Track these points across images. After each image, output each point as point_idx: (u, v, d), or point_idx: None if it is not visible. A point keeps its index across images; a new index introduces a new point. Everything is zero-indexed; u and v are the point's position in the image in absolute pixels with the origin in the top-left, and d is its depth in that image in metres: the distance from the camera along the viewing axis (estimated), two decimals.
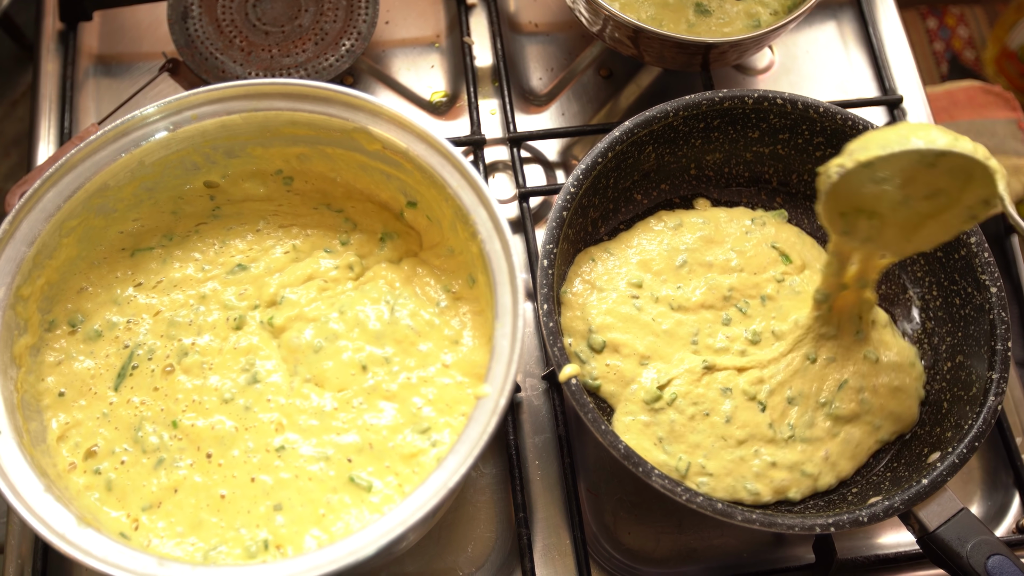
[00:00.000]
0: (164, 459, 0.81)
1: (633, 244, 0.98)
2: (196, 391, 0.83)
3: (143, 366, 0.84)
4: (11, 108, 1.36)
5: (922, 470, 0.85)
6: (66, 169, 0.79)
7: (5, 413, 0.73)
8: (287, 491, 0.79)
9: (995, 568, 0.80)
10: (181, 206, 0.90)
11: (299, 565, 0.65)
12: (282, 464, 0.80)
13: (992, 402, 0.86)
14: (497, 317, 0.74)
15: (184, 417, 0.82)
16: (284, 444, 0.81)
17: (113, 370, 0.84)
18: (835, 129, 0.96)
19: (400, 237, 0.90)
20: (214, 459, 0.81)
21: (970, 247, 0.91)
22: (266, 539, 0.77)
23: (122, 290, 0.87)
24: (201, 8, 1.11)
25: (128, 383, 0.84)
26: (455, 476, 0.68)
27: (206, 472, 0.80)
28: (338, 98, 0.81)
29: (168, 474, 0.80)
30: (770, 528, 0.80)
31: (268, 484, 0.79)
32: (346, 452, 0.81)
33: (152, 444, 0.81)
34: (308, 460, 0.80)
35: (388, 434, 0.81)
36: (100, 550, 0.67)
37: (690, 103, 0.95)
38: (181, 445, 0.81)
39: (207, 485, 0.79)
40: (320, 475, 0.80)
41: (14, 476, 0.70)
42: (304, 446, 0.81)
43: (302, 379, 0.84)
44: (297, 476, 0.80)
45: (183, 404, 0.83)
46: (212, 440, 0.81)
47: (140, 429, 0.82)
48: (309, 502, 0.78)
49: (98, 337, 0.85)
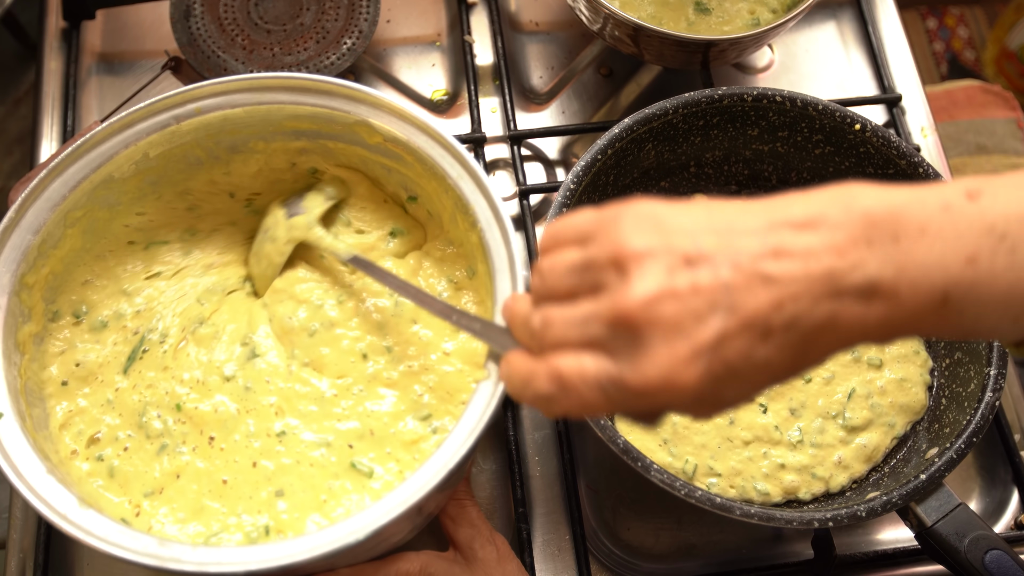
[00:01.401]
0: (167, 445, 0.81)
1: None
2: (201, 367, 0.84)
3: (154, 349, 0.85)
4: (14, 106, 1.37)
5: (920, 466, 0.86)
6: (72, 159, 0.79)
7: (8, 397, 0.73)
8: (289, 476, 0.79)
9: (993, 563, 0.80)
10: (197, 203, 0.91)
11: (296, 546, 0.66)
12: (284, 449, 0.80)
13: (990, 398, 0.86)
14: (496, 304, 0.74)
15: (188, 400, 0.82)
16: (285, 429, 0.81)
17: (122, 356, 0.84)
18: (834, 127, 0.97)
19: (408, 233, 0.90)
20: (216, 443, 0.81)
21: None
22: (267, 524, 0.77)
23: (131, 283, 0.87)
24: (203, 7, 1.11)
25: (137, 366, 0.84)
26: (453, 459, 0.68)
27: (208, 457, 0.80)
28: (339, 91, 0.82)
29: (171, 460, 0.80)
30: (768, 523, 0.80)
31: (270, 469, 0.79)
32: (347, 438, 0.81)
33: (156, 430, 0.81)
34: (309, 446, 0.80)
35: (389, 421, 0.82)
36: (101, 530, 0.67)
37: (690, 100, 0.96)
38: (184, 430, 0.82)
39: (209, 471, 0.80)
40: (322, 460, 0.80)
41: (16, 457, 0.70)
42: (305, 432, 0.81)
43: (300, 363, 0.84)
44: (299, 462, 0.80)
45: (188, 385, 0.83)
46: (215, 423, 0.81)
47: (144, 414, 0.82)
48: (311, 488, 0.78)
49: (103, 327, 0.85)
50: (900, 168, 0.95)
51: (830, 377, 0.93)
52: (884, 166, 0.97)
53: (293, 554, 0.65)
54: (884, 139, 0.95)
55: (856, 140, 0.97)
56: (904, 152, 0.95)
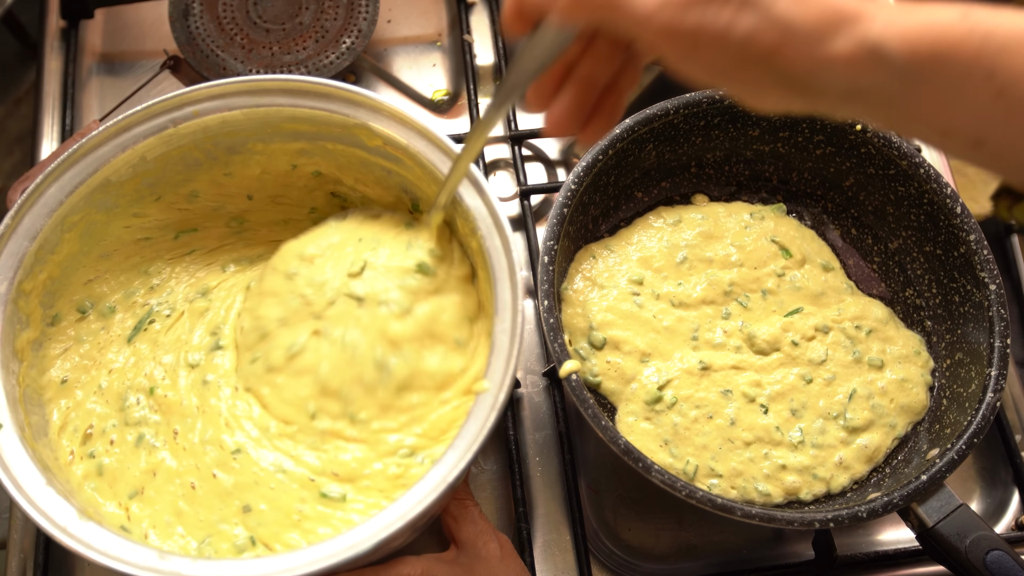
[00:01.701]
0: (143, 435, 0.80)
1: (633, 241, 0.99)
2: (176, 350, 0.83)
3: (159, 321, 0.85)
4: (15, 106, 1.37)
5: (921, 467, 0.86)
6: (68, 164, 0.79)
7: (7, 407, 0.73)
8: (249, 494, 0.76)
9: (994, 564, 0.80)
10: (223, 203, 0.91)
11: (298, 559, 0.65)
12: (239, 467, 0.77)
13: (991, 399, 0.86)
14: (497, 313, 0.74)
15: (160, 385, 0.82)
16: (239, 447, 0.78)
17: (127, 331, 0.85)
18: (835, 127, 0.97)
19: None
20: (180, 440, 0.79)
21: (969, 244, 0.92)
22: (251, 536, 0.75)
23: (146, 268, 0.88)
24: (202, 6, 1.11)
25: (141, 338, 0.84)
26: (454, 471, 0.68)
27: (176, 455, 0.79)
28: (338, 94, 0.81)
29: (147, 455, 0.79)
30: (769, 523, 0.80)
31: (228, 483, 0.77)
32: (308, 469, 0.77)
33: (134, 417, 0.81)
34: (264, 471, 0.76)
35: (357, 467, 0.76)
36: (101, 543, 0.67)
37: (691, 101, 0.95)
38: (156, 419, 0.81)
39: (179, 471, 0.78)
40: (283, 486, 0.76)
41: (16, 470, 0.70)
42: (258, 452, 0.77)
43: (243, 387, 0.81)
44: (257, 483, 0.76)
45: (164, 368, 0.83)
46: (179, 415, 0.80)
47: (126, 397, 0.82)
48: (278, 508, 0.75)
49: (112, 312, 0.85)
50: (901, 169, 0.95)
51: (831, 378, 0.93)
52: (885, 166, 0.97)
53: (294, 567, 0.65)
54: (885, 139, 0.95)
55: (857, 141, 0.96)
56: (905, 152, 0.94)
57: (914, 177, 0.95)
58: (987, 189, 1.56)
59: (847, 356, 0.94)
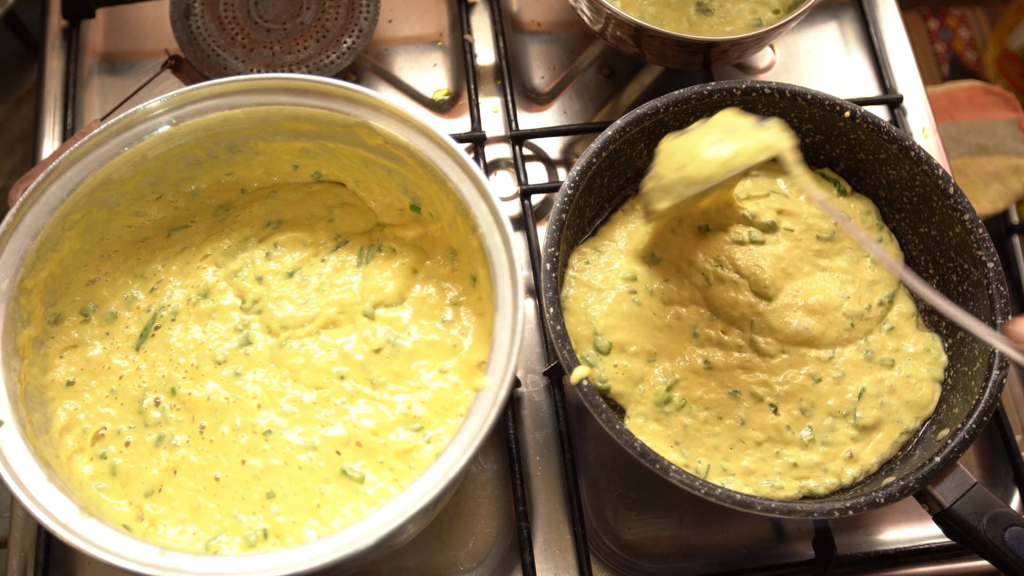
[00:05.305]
0: (164, 436, 0.81)
1: (617, 237, 0.99)
2: (196, 349, 0.84)
3: (165, 326, 0.86)
4: (16, 105, 1.37)
5: (933, 448, 0.86)
6: (69, 163, 0.79)
7: (8, 404, 0.73)
8: (277, 477, 0.79)
9: (1012, 540, 0.80)
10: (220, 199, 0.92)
11: (298, 555, 0.65)
12: (270, 448, 0.80)
13: (997, 376, 0.86)
14: (497, 310, 0.74)
15: (182, 384, 0.83)
16: (270, 428, 0.81)
17: (133, 337, 0.85)
18: (823, 115, 0.97)
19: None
20: (206, 434, 0.81)
21: (964, 224, 0.92)
22: (265, 528, 0.77)
23: (142, 271, 0.88)
24: (203, 6, 1.11)
25: (149, 344, 0.85)
26: (455, 467, 0.68)
27: (200, 450, 0.80)
28: (339, 92, 0.82)
29: (168, 454, 0.80)
30: (789, 516, 0.79)
31: (258, 468, 0.79)
32: (333, 444, 0.81)
33: (154, 419, 0.82)
34: (296, 448, 0.80)
35: (378, 432, 0.81)
36: (102, 539, 0.67)
37: (679, 98, 0.95)
38: (179, 417, 0.82)
39: (203, 465, 0.80)
40: (310, 464, 0.80)
41: (17, 466, 0.70)
42: (289, 432, 0.81)
43: (280, 367, 0.84)
44: (286, 463, 0.80)
45: (184, 369, 0.83)
46: (206, 411, 0.82)
47: (144, 399, 0.82)
48: (302, 491, 0.78)
49: (114, 318, 0.86)
50: (892, 153, 0.95)
51: (840, 376, 0.93)
52: (875, 151, 0.97)
53: (294, 563, 0.65)
54: (874, 124, 0.95)
55: (846, 127, 0.97)
56: (895, 136, 0.94)
57: (904, 160, 0.95)
58: (987, 189, 1.56)
59: (858, 355, 0.94)
